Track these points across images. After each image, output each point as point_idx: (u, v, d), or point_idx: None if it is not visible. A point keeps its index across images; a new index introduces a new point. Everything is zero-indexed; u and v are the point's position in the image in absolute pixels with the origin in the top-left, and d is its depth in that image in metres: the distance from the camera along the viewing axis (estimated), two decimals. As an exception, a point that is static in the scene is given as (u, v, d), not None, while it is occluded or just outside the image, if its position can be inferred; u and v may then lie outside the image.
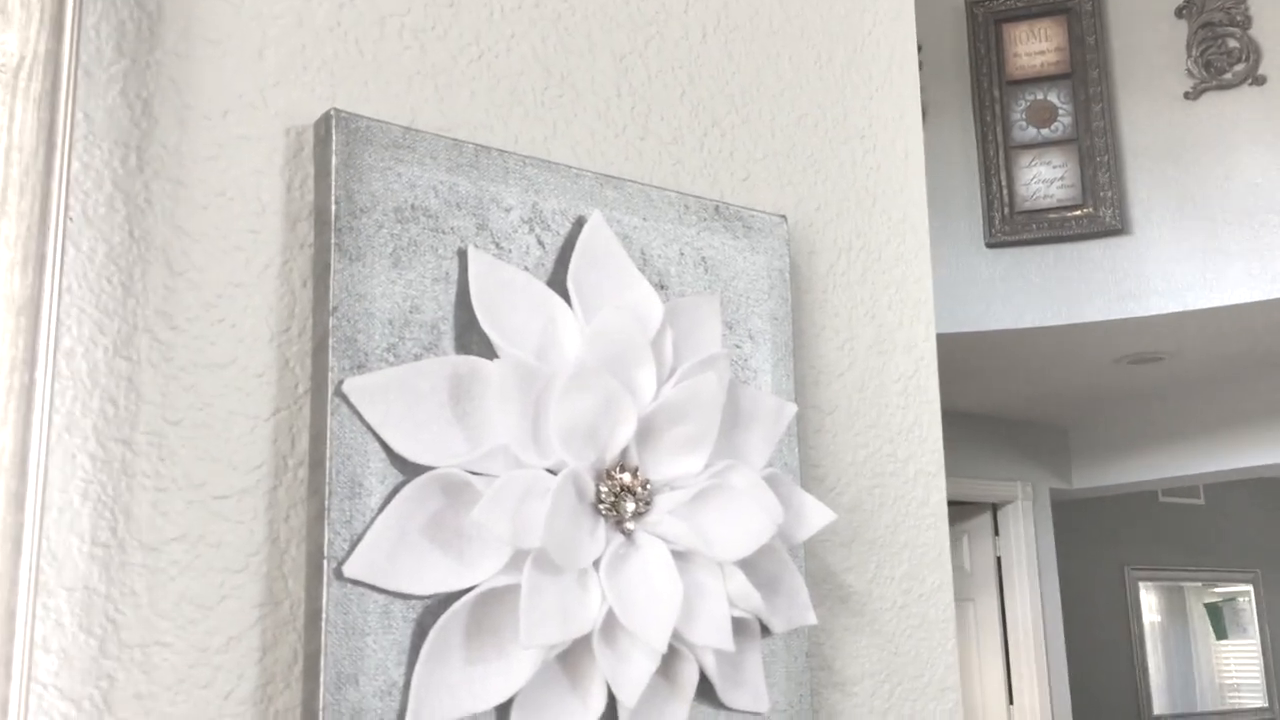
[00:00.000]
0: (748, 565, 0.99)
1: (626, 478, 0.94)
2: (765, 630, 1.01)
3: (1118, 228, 4.46)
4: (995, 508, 5.93)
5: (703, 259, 1.05)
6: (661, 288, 1.02)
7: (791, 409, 1.06)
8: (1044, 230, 4.58)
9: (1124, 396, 5.45)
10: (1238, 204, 4.18)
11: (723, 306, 1.05)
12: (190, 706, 0.79)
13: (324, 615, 0.82)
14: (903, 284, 1.22)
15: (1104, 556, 7.08)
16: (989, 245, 4.59)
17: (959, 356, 4.75)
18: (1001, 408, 5.68)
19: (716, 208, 1.07)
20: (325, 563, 0.82)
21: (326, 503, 0.83)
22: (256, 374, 0.85)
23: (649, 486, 0.96)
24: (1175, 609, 7.54)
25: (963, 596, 5.97)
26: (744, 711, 0.99)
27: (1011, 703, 5.77)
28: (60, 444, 0.77)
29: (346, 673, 0.82)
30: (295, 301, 0.88)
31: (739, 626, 0.98)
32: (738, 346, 1.06)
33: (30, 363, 0.73)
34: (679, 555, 0.95)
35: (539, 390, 0.91)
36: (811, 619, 1.02)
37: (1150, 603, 7.35)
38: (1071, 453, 6.14)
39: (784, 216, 1.11)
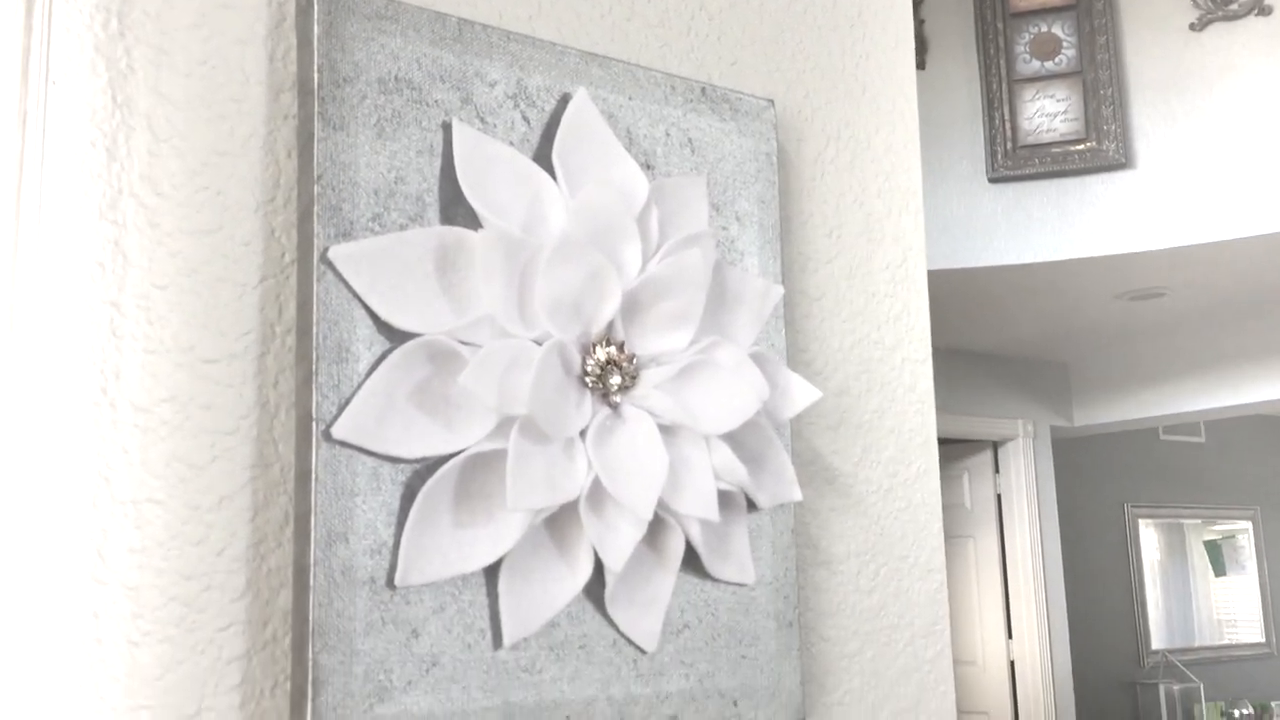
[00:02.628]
0: (734, 441, 1.00)
1: (612, 351, 0.95)
2: (751, 505, 1.03)
3: (1121, 162, 4.43)
4: (996, 445, 5.95)
5: (689, 140, 1.06)
6: (648, 167, 1.02)
7: (778, 290, 1.06)
8: (1046, 165, 4.55)
9: (1126, 333, 5.45)
10: (1241, 137, 4.16)
11: (709, 188, 1.06)
12: (183, 562, 0.80)
13: (314, 475, 0.83)
14: (892, 174, 1.22)
15: (1104, 494, 7.12)
16: (991, 180, 4.57)
17: (960, 293, 4.74)
18: (1003, 345, 5.68)
19: (703, 89, 1.07)
20: (314, 424, 0.84)
21: (314, 367, 0.84)
22: (243, 242, 0.86)
23: (635, 361, 0.97)
24: (1175, 546, 7.58)
25: (963, 533, 6.01)
26: (730, 583, 1.00)
27: (1010, 637, 5.83)
28: (48, 303, 0.77)
29: (336, 531, 0.83)
30: (280, 172, 0.88)
31: (725, 500, 0.99)
32: (724, 228, 1.07)
33: (15, 216, 0.74)
34: (665, 429, 0.96)
35: (524, 262, 0.92)
36: (797, 495, 1.03)
37: (1150, 540, 7.40)
38: (1072, 390, 6.15)
39: (772, 101, 1.11)
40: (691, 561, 0.98)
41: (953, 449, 5.90)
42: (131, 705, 0.77)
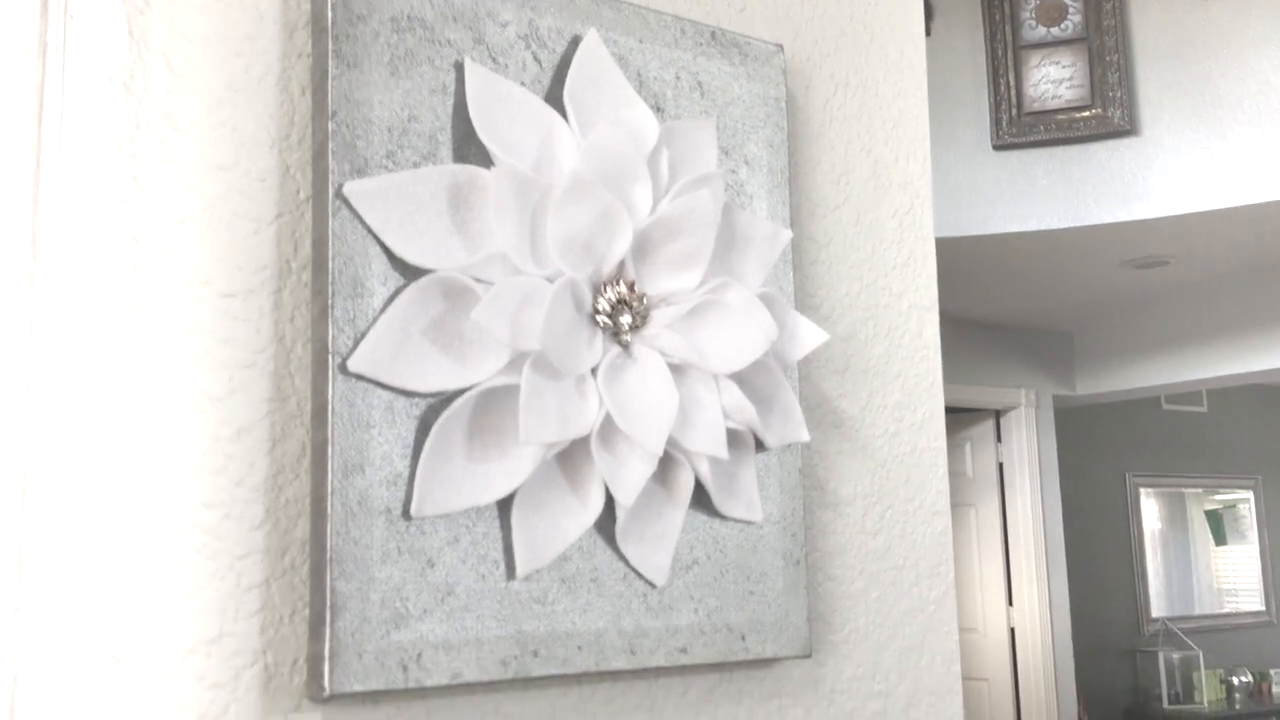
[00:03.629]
0: (742, 381, 1.01)
1: (623, 290, 0.96)
2: (760, 446, 1.04)
3: (1126, 129, 4.42)
4: (998, 414, 5.97)
5: (699, 83, 1.06)
6: (658, 110, 1.03)
7: (786, 234, 1.07)
8: (1051, 132, 4.55)
9: (1129, 301, 5.45)
10: (1249, 104, 4.15)
11: (719, 132, 1.07)
12: (203, 491, 0.82)
13: (330, 407, 0.84)
14: (900, 121, 1.22)
15: (1106, 463, 7.14)
16: (996, 147, 4.56)
17: (963, 261, 4.75)
18: (1006, 314, 5.68)
19: (713, 34, 1.08)
20: (330, 358, 0.85)
21: (330, 301, 0.85)
22: (259, 178, 0.87)
23: (645, 301, 0.98)
24: (1176, 515, 7.62)
25: (965, 502, 6.04)
26: (738, 520, 1.02)
27: (1011, 604, 5.87)
28: (69, 233, 0.79)
29: (353, 462, 0.85)
30: (295, 110, 0.89)
31: (733, 438, 1.01)
32: (733, 172, 1.08)
33: (37, 147, 0.75)
34: (675, 368, 0.97)
35: (536, 201, 0.93)
36: (804, 436, 1.05)
37: (1151, 509, 7.43)
38: (1075, 359, 6.16)
39: (781, 46, 1.11)
40: (701, 499, 1.00)
41: (955, 418, 5.92)
42: (156, 629, 0.79)
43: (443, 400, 0.89)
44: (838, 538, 1.12)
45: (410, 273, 0.88)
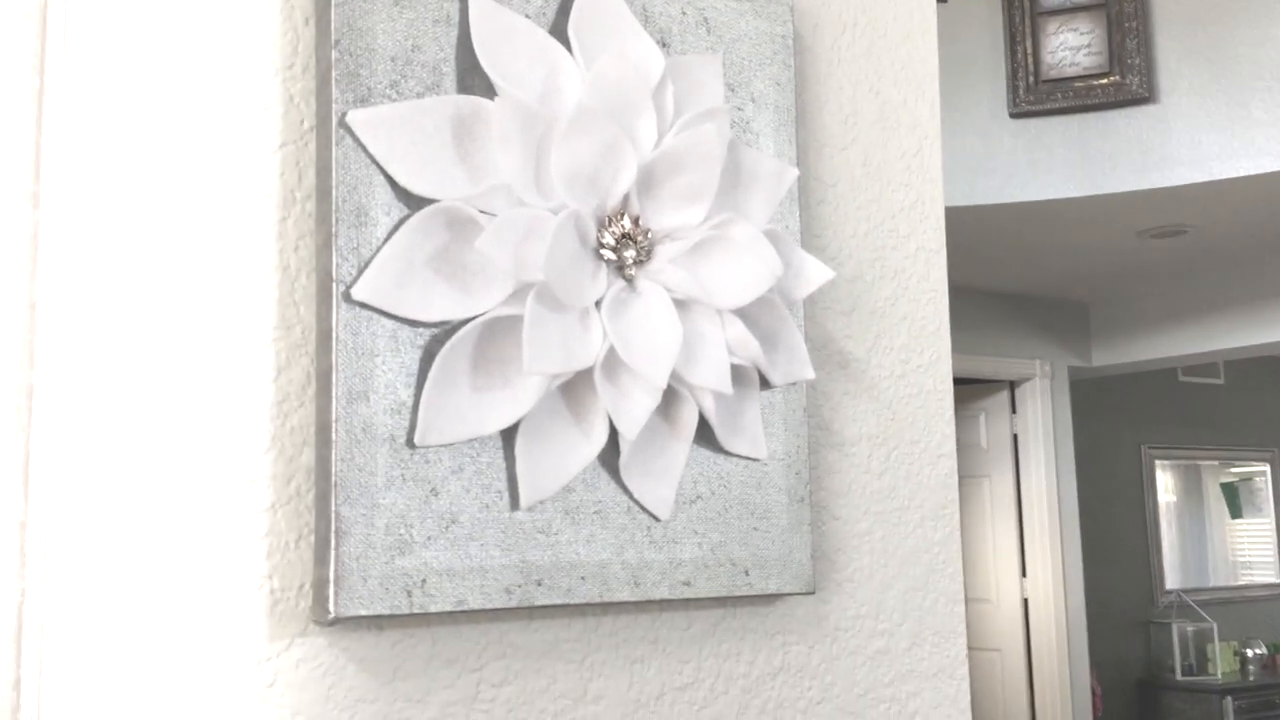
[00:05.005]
0: (747, 318, 1.01)
1: (628, 224, 0.96)
2: (764, 383, 1.04)
3: (1145, 96, 4.38)
4: (1013, 385, 5.95)
5: (705, 19, 1.06)
6: (663, 45, 1.03)
7: (793, 172, 1.07)
8: (1069, 99, 4.51)
9: (1146, 272, 5.42)
10: (1269, 71, 4.10)
11: (725, 69, 1.06)
12: (208, 416, 0.82)
13: (334, 335, 0.85)
14: (908, 62, 1.22)
15: (1122, 435, 7.12)
16: (1012, 115, 4.53)
17: (978, 230, 4.72)
18: (1021, 284, 5.66)
19: (719, -30, 1.07)
20: (335, 286, 0.85)
21: (334, 229, 0.86)
22: (262, 107, 0.87)
23: (650, 235, 0.98)
24: (1191, 488, 7.60)
25: (979, 473, 6.04)
26: (742, 457, 1.02)
27: (1024, 575, 5.87)
28: (72, 156, 0.79)
29: (357, 390, 0.85)
30: (299, 38, 0.89)
31: (738, 374, 1.01)
32: (739, 109, 1.07)
33: (40, 69, 0.76)
34: (679, 303, 0.97)
35: (540, 133, 0.92)
36: (809, 374, 1.05)
37: (1166, 482, 7.41)
38: (1091, 330, 6.13)
39: (787, -16, 1.11)
40: (705, 434, 1.00)
41: (969, 389, 5.91)
42: (161, 551, 0.79)
43: (447, 330, 0.89)
44: (842, 477, 1.12)
45: (414, 203, 0.89)
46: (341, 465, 0.83)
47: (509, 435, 0.91)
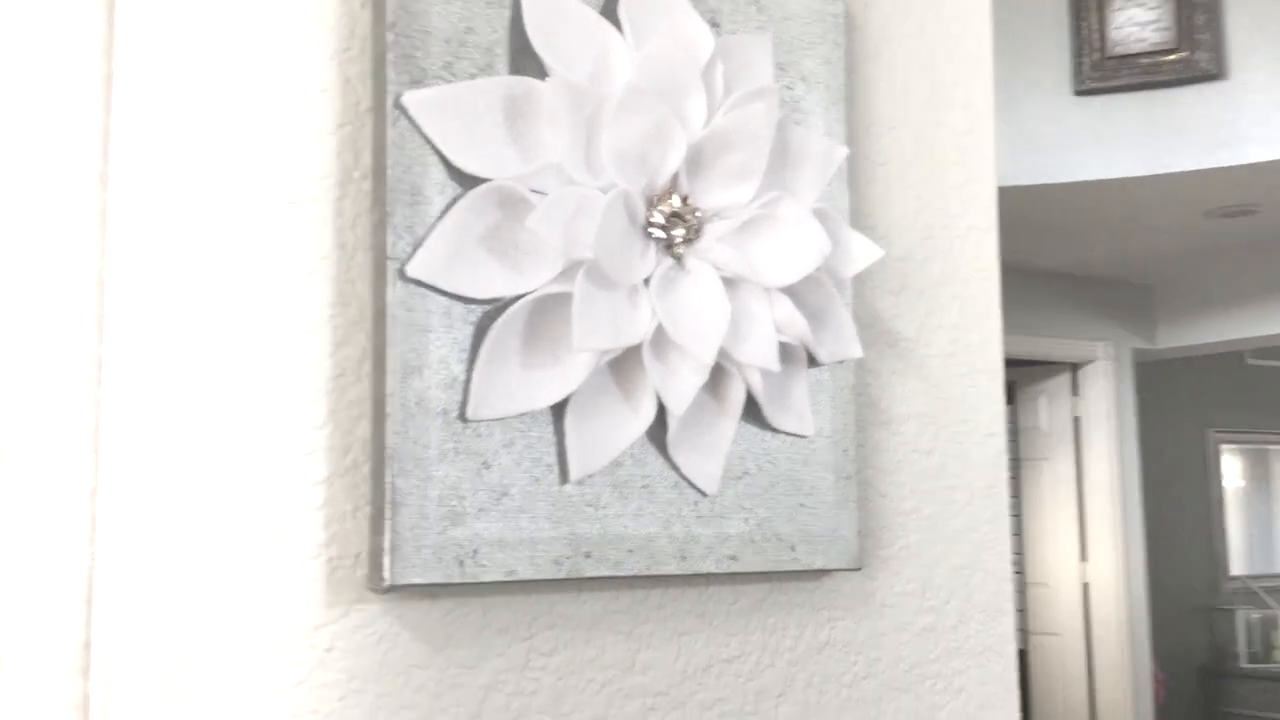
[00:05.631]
0: (795, 296, 1.02)
1: (676, 203, 0.97)
2: (812, 361, 1.05)
3: (1214, 73, 4.29)
4: (1075, 368, 5.87)
5: (755, -1, 1.06)
6: (713, 25, 1.04)
7: (842, 151, 1.08)
8: (1136, 76, 4.43)
9: (1214, 252, 5.31)
10: (1341, 45, 4.00)
11: (775, 48, 1.07)
12: (268, 390, 0.85)
13: (389, 311, 0.87)
14: (961, 40, 1.21)
15: (1187, 419, 7.01)
16: (1077, 93, 4.46)
17: (1041, 210, 4.66)
18: (1085, 264, 5.58)
19: (770, -50, 1.07)
20: (389, 264, 0.87)
21: (389, 208, 0.88)
22: (320, 89, 0.89)
23: (699, 214, 0.99)
24: (1258, 473, 7.46)
25: (1038, 456, 5.97)
26: (789, 433, 1.03)
27: (1085, 560, 5.81)
28: (139, 137, 0.82)
29: (411, 365, 0.87)
30: (355, 22, 0.91)
31: (785, 352, 1.02)
32: (789, 88, 1.08)
33: (108, 54, 0.78)
34: (728, 282, 0.99)
35: (590, 113, 0.94)
36: (857, 351, 1.05)
37: (1232, 466, 7.28)
38: (1156, 311, 6.03)
39: (839, -37, 1.11)
40: (752, 411, 1.01)
41: (1030, 371, 5.84)
42: (224, 519, 0.82)
43: (498, 307, 0.91)
44: (890, 455, 1.12)
45: (467, 182, 0.90)
46: (396, 438, 0.86)
47: (558, 410, 0.93)
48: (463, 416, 0.89)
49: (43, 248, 0.78)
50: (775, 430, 1.03)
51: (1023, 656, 5.95)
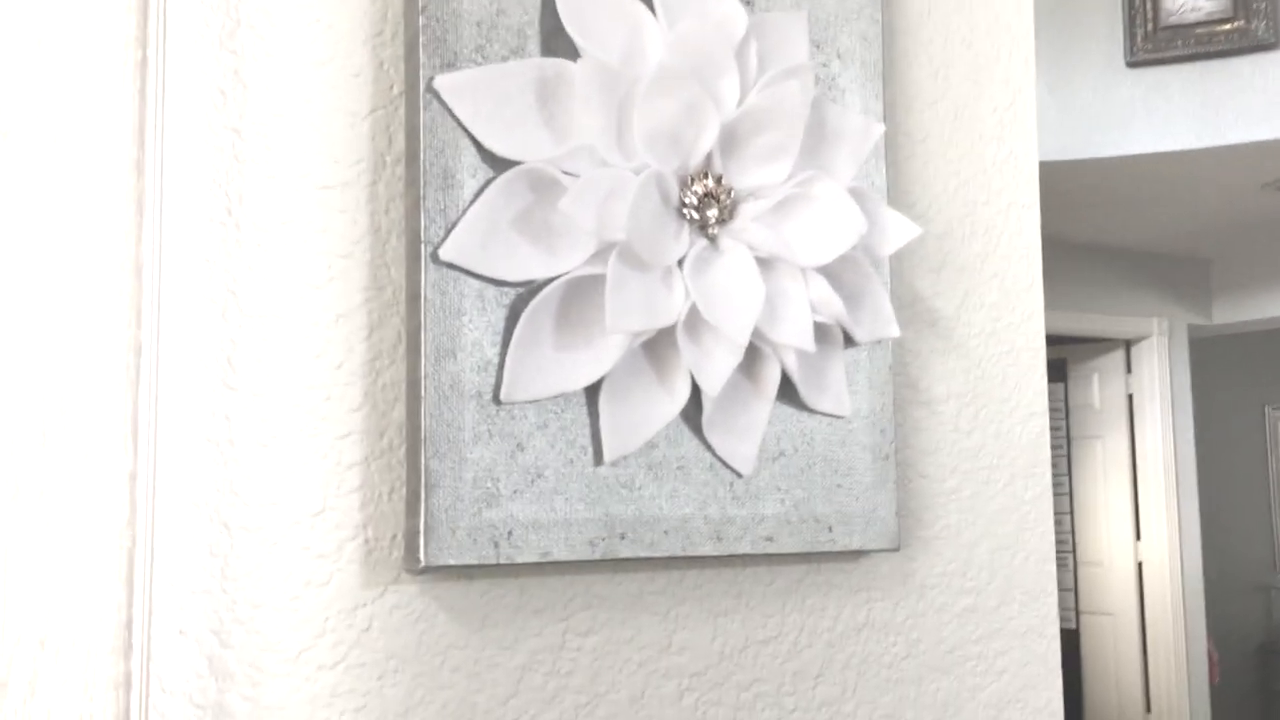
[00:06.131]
0: (831, 276, 1.02)
1: (710, 183, 0.97)
2: (849, 341, 1.04)
3: (1271, 42, 4.19)
4: (1128, 344, 5.78)
5: (790, -24, 1.05)
6: (747, 3, 1.03)
7: (879, 128, 1.06)
8: (1190, 47, 4.33)
9: (1270, 226, 5.20)
10: (1405, 9, 3.89)
11: (810, 25, 1.06)
12: (304, 373, 0.86)
13: (423, 295, 0.87)
14: (1001, 13, 1.19)
15: (1243, 395, 6.88)
16: (1130, 64, 4.37)
17: (1094, 185, 4.59)
18: (1138, 239, 5.48)
19: (804, -75, 1.06)
20: (423, 247, 0.88)
21: (422, 192, 0.88)
22: (353, 73, 0.90)
23: (733, 194, 0.98)
24: (1318, 450, 7.30)
25: (1091, 434, 5.90)
26: (826, 414, 1.03)
27: (1139, 538, 5.74)
28: (174, 124, 0.83)
29: (445, 348, 0.88)
30: (387, 6, 0.91)
31: (821, 332, 1.01)
32: (825, 65, 1.07)
33: (142, 41, 0.79)
34: (762, 262, 0.98)
35: (622, 94, 0.93)
36: (894, 331, 1.04)
37: (1291, 443, 7.13)
38: (1212, 287, 5.92)
39: (875, -63, 1.10)
40: (788, 392, 1.01)
41: (1082, 349, 5.76)
42: (262, 501, 0.84)
43: (531, 289, 0.91)
44: (930, 435, 1.11)
45: (499, 165, 0.91)
46: (430, 420, 0.86)
47: (592, 392, 0.93)
48: (496, 399, 0.89)
49: (80, 234, 0.79)
50: (811, 411, 1.02)
51: (1075, 636, 5.90)
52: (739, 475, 0.98)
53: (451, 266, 0.88)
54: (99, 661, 0.75)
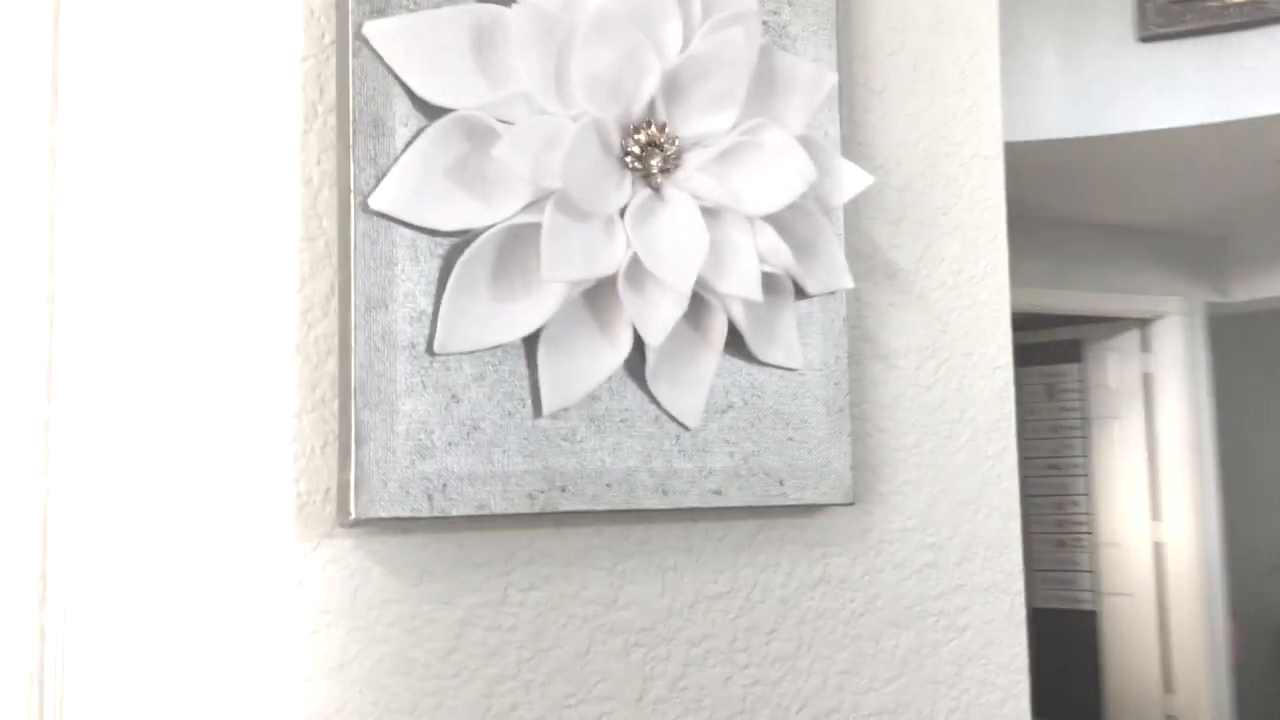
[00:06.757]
0: (782, 227, 1.00)
1: (653, 132, 0.95)
2: (800, 293, 1.02)
3: (1284, 14, 4.12)
4: (1144, 323, 5.72)
5: (736, -79, 1.03)
6: (692, -51, 1.01)
7: (832, 77, 1.04)
8: (1202, 20, 4.27)
9: (1288, 201, 5.13)
10: None
11: (758, -28, 1.03)
12: (235, 325, 0.85)
13: (353, 244, 0.86)
14: (962, -38, 1.17)
15: (1264, 373, 6.80)
16: (1141, 39, 4.31)
17: (1106, 162, 4.53)
18: (1152, 217, 5.41)
19: None
20: (352, 197, 0.87)
21: (351, 140, 0.87)
22: (282, 21, 0.89)
23: (677, 142, 0.96)
24: (1341, 428, 7.20)
25: (1107, 414, 5.85)
26: (777, 366, 1.01)
27: (1157, 519, 5.68)
28: (94, 73, 0.82)
29: (375, 298, 0.86)
30: (318, -47, 0.90)
31: (771, 283, 0.99)
32: (775, 13, 1.05)
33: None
34: (709, 211, 0.96)
35: (560, 40, 0.92)
36: (848, 282, 1.03)
37: (1313, 421, 7.04)
38: (1230, 264, 5.84)
39: (827, -118, 1.07)
40: (737, 344, 0.99)
41: (1097, 328, 5.70)
42: (192, 456, 0.83)
43: (467, 240, 0.90)
44: (888, 389, 1.10)
45: (433, 113, 0.89)
46: (361, 372, 0.85)
47: (531, 344, 0.91)
48: (430, 350, 0.88)
49: None
50: (762, 363, 1.01)
51: (1094, 618, 5.86)
52: (685, 428, 0.97)
53: (382, 216, 0.87)
54: (15, 613, 0.74)
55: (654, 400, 0.96)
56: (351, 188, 0.86)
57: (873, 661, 1.05)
